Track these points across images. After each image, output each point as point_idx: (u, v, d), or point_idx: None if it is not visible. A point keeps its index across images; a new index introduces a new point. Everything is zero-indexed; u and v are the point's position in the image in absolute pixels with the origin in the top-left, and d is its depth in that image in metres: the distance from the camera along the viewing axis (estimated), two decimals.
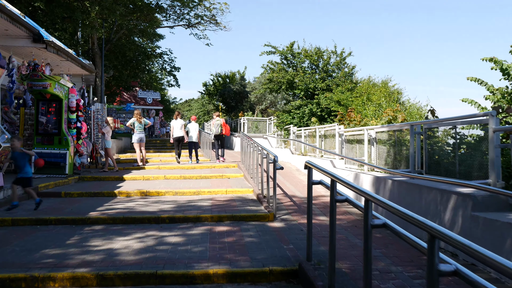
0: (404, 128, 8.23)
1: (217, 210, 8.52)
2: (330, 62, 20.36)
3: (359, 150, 10.64)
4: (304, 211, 8.74)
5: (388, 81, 18.23)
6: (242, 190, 10.99)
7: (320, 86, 19.58)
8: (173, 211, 8.49)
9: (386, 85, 18.12)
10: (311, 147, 15.00)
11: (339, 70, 20.44)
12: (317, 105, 19.15)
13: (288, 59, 21.01)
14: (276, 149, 20.75)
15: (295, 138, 18.13)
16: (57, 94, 12.59)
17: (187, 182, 12.68)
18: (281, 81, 20.57)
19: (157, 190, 10.77)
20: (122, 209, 8.65)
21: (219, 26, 25.87)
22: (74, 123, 13.47)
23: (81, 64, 16.31)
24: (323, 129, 14.04)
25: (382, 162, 9.35)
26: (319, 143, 14.19)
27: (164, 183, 12.32)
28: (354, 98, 17.21)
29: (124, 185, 12.04)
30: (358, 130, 10.57)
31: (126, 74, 26.35)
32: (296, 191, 11.25)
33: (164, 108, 58.87)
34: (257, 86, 37.72)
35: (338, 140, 12.01)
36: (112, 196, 10.57)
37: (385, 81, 18.70)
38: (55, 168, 12.79)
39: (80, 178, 13.23)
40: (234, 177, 13.75)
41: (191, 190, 10.81)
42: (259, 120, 26.37)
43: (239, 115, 30.01)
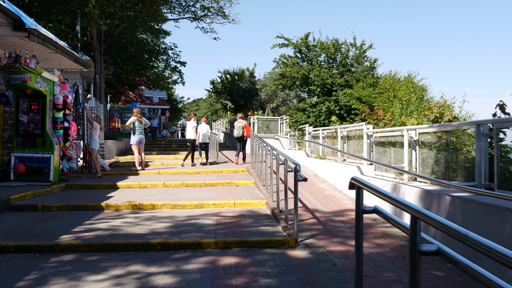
0: (463, 129, 6.42)
1: (223, 232, 6.76)
2: (349, 56, 18.51)
3: (394, 155, 8.84)
4: (332, 232, 6.96)
5: (414, 76, 16.38)
6: (254, 203, 9.22)
7: (338, 81, 17.73)
8: (168, 233, 6.74)
9: (412, 81, 16.28)
10: (331, 149, 13.20)
11: (359, 64, 18.59)
12: (335, 103, 17.31)
13: (302, 52, 19.16)
14: (289, 151, 18.95)
15: (311, 139, 16.34)
16: (39, 89, 10.91)
17: (189, 191, 10.93)
18: (295, 76, 18.76)
19: (152, 203, 9.03)
20: (105, 230, 6.91)
21: (227, 19, 24.15)
22: (61, 123, 11.79)
23: (74, 57, 14.60)
24: (346, 129, 12.25)
25: (427, 170, 7.54)
26: (340, 145, 12.40)
27: (162, 193, 10.59)
28: (377, 94, 15.39)
29: (116, 195, 10.32)
30: (394, 130, 8.77)
31: (128, 70, 24.63)
32: (317, 203, 9.45)
33: (171, 107, 57.32)
34: (268, 83, 35.89)
35: (366, 142, 10.22)
36: (98, 209, 8.85)
37: (409, 77, 16.84)
38: (38, 174, 11.12)
39: (67, 185, 11.54)
40: (244, 184, 11.99)
41: (193, 203, 9.06)
42: (270, 119, 24.57)
43: (248, 114, 28.24)
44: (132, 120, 14.62)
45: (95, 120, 13.56)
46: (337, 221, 7.76)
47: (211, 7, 23.60)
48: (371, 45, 18.51)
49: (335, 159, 12.96)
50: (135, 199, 9.44)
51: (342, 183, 10.92)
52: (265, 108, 37.07)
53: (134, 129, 14.62)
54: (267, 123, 23.73)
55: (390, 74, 18.23)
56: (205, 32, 25.07)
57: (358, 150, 11.05)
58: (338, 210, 8.71)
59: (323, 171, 13.01)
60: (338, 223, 7.62)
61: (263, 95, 35.29)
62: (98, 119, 13.39)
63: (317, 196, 10.16)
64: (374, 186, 3.43)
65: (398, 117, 11.83)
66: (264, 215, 8.25)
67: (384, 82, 16.21)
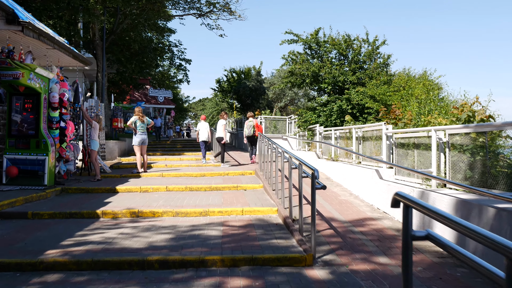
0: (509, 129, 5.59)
1: (230, 246, 5.97)
2: (361, 52, 17.65)
3: (418, 158, 8.02)
4: (353, 246, 6.15)
5: (431, 73, 15.50)
6: (263, 210, 8.42)
7: (350, 79, 16.88)
8: (168, 247, 5.95)
9: (428, 78, 15.42)
10: (344, 151, 12.38)
11: (372, 61, 17.73)
12: (347, 102, 16.46)
13: (312, 49, 18.28)
14: (298, 152, 18.16)
15: (322, 140, 15.53)
16: (33, 87, 10.17)
17: (193, 195, 10.16)
18: (305, 74, 17.90)
19: (153, 210, 8.26)
20: (97, 244, 6.14)
21: (233, 15, 23.34)
22: (57, 123, 11.05)
23: (73, 54, 13.85)
24: (361, 130, 11.43)
25: (459, 176, 6.71)
26: (355, 147, 11.58)
27: (164, 198, 9.82)
28: (392, 93, 14.55)
29: (114, 200, 9.57)
30: (419, 131, 7.94)
31: (131, 68, 23.90)
32: (332, 210, 8.64)
33: (177, 107, 56.62)
34: (276, 82, 34.97)
35: (386, 143, 9.39)
36: (93, 217, 8.09)
37: (425, 74, 15.97)
38: (32, 177, 10.38)
39: (63, 189, 10.80)
40: (252, 189, 11.19)
41: (197, 210, 8.28)
42: (278, 119, 23.75)
43: (255, 114, 27.46)
44: (134, 120, 13.87)
45: (94, 120, 12.82)
46: (357, 232, 6.96)
47: (216, 2, 22.83)
48: (384, 41, 17.66)
49: (349, 161, 12.14)
50: (135, 206, 8.68)
51: (358, 187, 10.10)
52: (273, 107, 36.16)
53: (136, 129, 13.88)
54: (274, 123, 22.92)
55: (404, 71, 17.38)
56: (211, 29, 24.31)
57: (376, 152, 10.24)
58: (357, 219, 7.91)
59: (336, 174, 12.20)
60: (358, 234, 6.81)
61: (271, 93, 34.34)
62: (98, 118, 12.65)
63: (332, 202, 9.35)
64: (431, 206, 2.63)
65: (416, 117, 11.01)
66: (276, 225, 7.46)
67: (398, 79, 15.35)
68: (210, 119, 58.68)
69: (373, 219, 7.86)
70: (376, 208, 8.81)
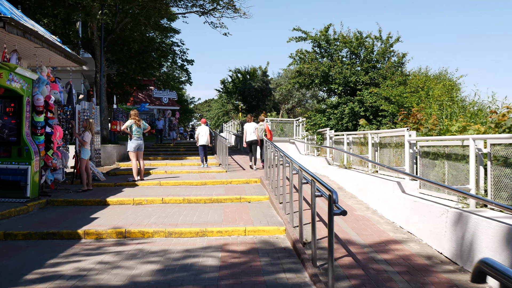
0: None
1: (229, 284, 4.87)
2: (374, 50, 16.51)
3: (449, 170, 6.89)
4: (378, 282, 5.04)
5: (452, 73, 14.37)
6: (269, 230, 7.33)
7: (362, 79, 15.73)
8: (153, 284, 4.88)
9: (449, 78, 14.27)
10: (359, 159, 11.25)
11: (385, 59, 16.58)
12: (359, 103, 15.31)
13: (322, 47, 17.12)
14: (306, 157, 17.05)
15: (332, 144, 14.43)
16: (13, 88, 9.14)
17: (191, 209, 9.08)
18: (314, 74, 16.76)
19: (143, 230, 7.19)
20: (68, 279, 5.07)
21: (238, 13, 22.26)
22: (42, 128, 10.02)
23: (65, 53, 12.82)
24: (378, 135, 10.30)
25: (504, 194, 5.58)
26: (371, 154, 10.45)
27: (158, 212, 8.76)
28: (408, 94, 13.41)
29: (102, 215, 8.52)
30: (451, 139, 6.81)
31: (132, 69, 22.88)
32: (348, 229, 7.51)
33: (182, 108, 55.65)
34: (283, 82, 33.77)
35: (409, 152, 8.27)
36: (74, 238, 7.05)
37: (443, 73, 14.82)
38: (13, 189, 9.36)
39: (49, 202, 9.79)
40: (257, 201, 10.11)
41: (193, 230, 7.21)
42: (285, 121, 22.63)
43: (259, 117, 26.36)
44: (129, 124, 12.83)
45: (83, 125, 11.77)
46: (381, 261, 5.84)
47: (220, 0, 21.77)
48: (398, 38, 16.49)
49: (363, 169, 11.02)
50: (123, 224, 7.62)
51: (375, 201, 8.98)
52: (279, 109, 34.97)
53: (131, 133, 12.84)
54: (281, 126, 21.82)
55: (419, 71, 16.24)
56: (215, 27, 23.23)
57: (396, 161, 9.11)
58: (378, 241, 6.79)
59: (349, 184, 11.08)
60: (383, 264, 5.70)
61: (277, 95, 33.15)
62: (87, 123, 11.59)
63: (347, 219, 8.22)
64: None
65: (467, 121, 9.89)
66: (284, 250, 6.37)
67: (415, 79, 14.21)
68: (215, 120, 57.67)
69: (397, 242, 6.74)
70: (398, 227, 7.70)
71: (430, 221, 6.54)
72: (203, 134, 16.34)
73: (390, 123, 13.48)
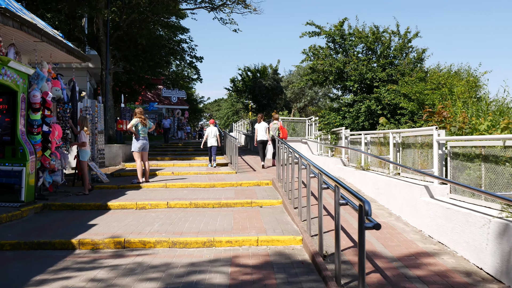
0: None
1: None
2: (391, 46, 15.67)
3: (486, 174, 6.10)
4: None
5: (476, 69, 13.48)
6: (284, 239, 6.58)
7: (379, 76, 14.90)
8: None
9: (472, 74, 13.41)
10: (378, 160, 10.46)
11: (403, 55, 15.73)
12: (376, 101, 14.48)
13: (336, 42, 16.29)
14: (320, 157, 16.26)
15: (348, 144, 13.65)
16: (6, 83, 8.49)
17: (198, 215, 8.37)
18: (328, 70, 15.94)
19: (144, 239, 6.48)
20: None
21: (248, 8, 21.52)
22: (38, 127, 9.36)
23: (67, 48, 12.19)
24: (401, 135, 9.50)
25: None
26: (393, 155, 9.65)
27: (162, 218, 8.05)
28: (429, 91, 12.57)
29: (101, 222, 7.84)
30: (489, 139, 6.01)
31: (139, 66, 22.21)
32: (372, 239, 6.72)
33: (191, 107, 54.99)
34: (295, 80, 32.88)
35: (437, 153, 7.48)
36: (67, 249, 6.37)
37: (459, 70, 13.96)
38: (7, 192, 8.72)
39: (45, 206, 9.14)
40: (269, 205, 9.37)
41: (200, 239, 6.49)
42: (297, 120, 21.84)
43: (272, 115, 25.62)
44: (135, 123, 12.15)
45: (78, 124, 11.06)
46: (414, 278, 5.07)
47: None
48: (417, 33, 15.62)
49: (383, 171, 10.22)
50: (123, 231, 6.93)
51: (399, 206, 8.20)
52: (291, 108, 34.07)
53: (137, 133, 12.16)
54: (293, 125, 21.05)
55: (438, 67, 15.38)
56: (224, 24, 22.52)
57: (422, 163, 8.31)
58: (407, 254, 6.01)
59: (367, 187, 10.30)
60: (417, 282, 4.93)
61: (289, 93, 32.26)
62: (82, 120, 10.82)
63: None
64: None
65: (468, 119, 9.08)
66: (301, 264, 5.62)
67: (436, 76, 13.36)
68: (225, 119, 57.00)
69: (428, 255, 5.96)
70: (427, 236, 6.92)
71: (467, 232, 5.75)
72: (212, 136, 16.28)
73: (411, 121, 12.65)
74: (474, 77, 13.16)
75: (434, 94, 12.31)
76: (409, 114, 13.63)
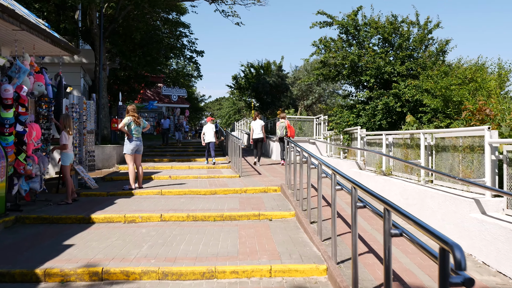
0: None
1: None
2: (410, 37, 14.24)
3: None
4: None
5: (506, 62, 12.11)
6: (305, 269, 5.21)
7: (398, 70, 13.46)
8: None
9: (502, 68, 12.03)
10: (403, 163, 9.08)
11: (424, 47, 14.31)
12: (395, 98, 13.08)
13: (350, 33, 14.87)
14: (330, 159, 14.87)
15: (364, 145, 12.30)
16: None
17: (196, 232, 7.02)
18: (341, 64, 14.50)
19: (127, 269, 5.13)
20: None
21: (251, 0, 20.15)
22: (10, 126, 8.00)
23: (52, 38, 10.85)
24: (432, 135, 8.12)
25: None
26: (424, 159, 8.28)
27: (153, 237, 6.71)
28: (456, 86, 11.20)
29: (80, 240, 6.50)
30: None
31: (136, 61, 20.80)
32: (412, 266, 5.32)
33: (192, 106, 53.57)
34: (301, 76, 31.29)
35: (490, 158, 6.13)
36: (30, 282, 5.03)
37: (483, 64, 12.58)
38: None
39: (18, 219, 7.81)
40: (280, 218, 8.02)
41: (197, 269, 5.13)
42: (304, 119, 20.44)
43: (277, 114, 24.23)
44: (127, 121, 10.80)
45: (59, 123, 9.71)
46: None
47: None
48: (439, 23, 14.18)
49: (410, 177, 8.85)
50: (103, 256, 5.59)
51: (439, 223, 6.82)
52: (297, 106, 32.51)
53: (130, 133, 10.82)
54: (300, 124, 19.65)
55: (460, 62, 14.00)
56: (226, 16, 21.06)
57: (464, 170, 6.94)
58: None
59: (392, 195, 8.91)
60: None
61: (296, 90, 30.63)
62: (64, 119, 9.45)
63: (405, 248, 6.03)
64: None
65: None
66: None
67: (462, 69, 11.98)
68: (226, 119, 55.60)
69: None
70: (480, 263, 5.56)
71: None
72: (209, 133, 16.39)
73: (438, 120, 11.25)
74: (505, 70, 11.79)
75: (462, 89, 10.93)
76: (431, 112, 12.26)
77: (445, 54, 14.06)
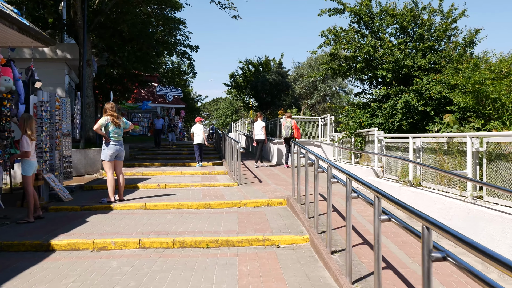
0: None
1: None
2: (432, 27, 12.55)
3: None
4: None
5: None
6: None
7: (420, 63, 11.76)
8: None
9: None
10: (436, 173, 7.43)
11: (449, 38, 12.64)
12: (416, 95, 11.37)
13: (363, 22, 13.16)
14: (340, 165, 13.22)
15: (382, 149, 10.66)
16: None
17: (183, 266, 5.34)
18: (354, 56, 12.78)
19: None
20: None
21: None
22: None
23: (18, 25, 9.17)
24: (481, 139, 6.49)
25: None
26: (471, 170, 6.65)
27: (126, 275, 5.03)
28: (491, 81, 9.57)
29: (28, 280, 4.81)
30: None
31: (125, 57, 19.08)
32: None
33: (188, 106, 51.82)
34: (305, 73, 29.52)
35: None
36: None
37: None
38: None
39: None
40: (290, 244, 6.35)
41: None
42: (308, 120, 18.72)
43: (278, 114, 22.54)
44: (104, 122, 9.11)
45: (19, 126, 7.99)
46: None
47: None
48: (464, 11, 12.54)
49: (448, 190, 7.20)
50: None
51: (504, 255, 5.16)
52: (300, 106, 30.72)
53: (107, 136, 9.13)
54: (303, 125, 17.95)
55: (486, 54, 12.38)
56: (223, 8, 19.36)
57: None
58: None
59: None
60: None
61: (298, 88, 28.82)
62: (25, 121, 7.77)
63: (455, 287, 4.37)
64: None
65: None
66: None
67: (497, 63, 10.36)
68: (223, 119, 53.93)
69: None
70: None
71: None
72: (198, 133, 16.01)
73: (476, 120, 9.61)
74: None
75: (500, 84, 9.29)
76: (459, 111, 10.62)
77: (474, 45, 12.37)
